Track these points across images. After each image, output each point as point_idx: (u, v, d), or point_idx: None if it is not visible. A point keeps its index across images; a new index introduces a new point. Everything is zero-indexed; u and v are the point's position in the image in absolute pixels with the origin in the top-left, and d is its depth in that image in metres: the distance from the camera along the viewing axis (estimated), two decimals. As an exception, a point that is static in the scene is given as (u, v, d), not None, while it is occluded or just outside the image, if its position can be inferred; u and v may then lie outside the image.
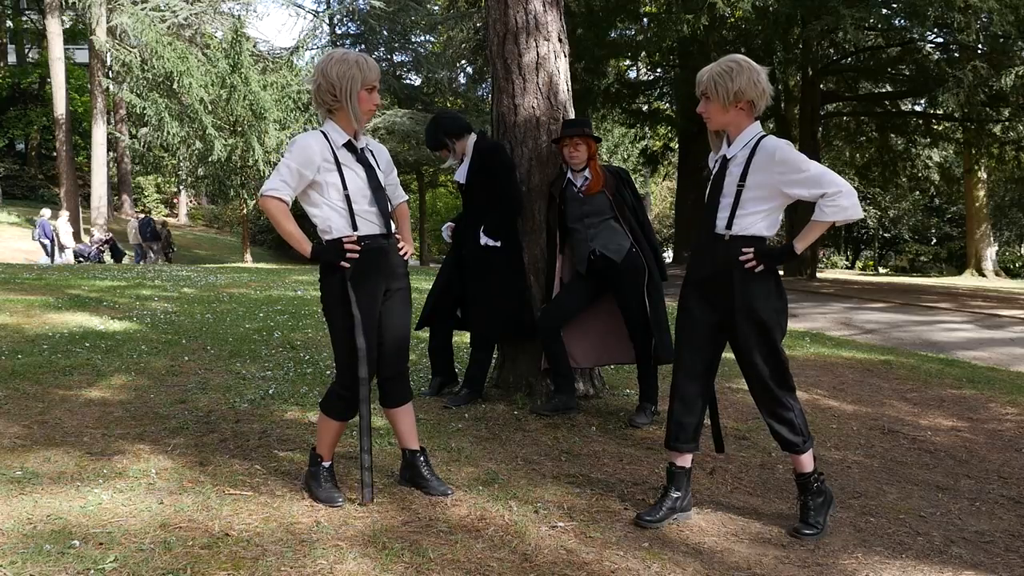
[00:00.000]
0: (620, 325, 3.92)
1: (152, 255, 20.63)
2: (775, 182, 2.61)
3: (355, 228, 2.70)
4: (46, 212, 19.27)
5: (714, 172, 2.79)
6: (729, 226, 2.66)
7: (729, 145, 2.74)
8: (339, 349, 2.70)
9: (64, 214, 20.20)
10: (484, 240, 3.87)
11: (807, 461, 2.75)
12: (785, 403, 2.71)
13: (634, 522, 2.69)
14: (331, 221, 2.69)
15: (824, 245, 35.06)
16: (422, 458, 2.86)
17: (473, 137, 3.94)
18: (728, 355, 2.87)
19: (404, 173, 27.85)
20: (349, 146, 2.70)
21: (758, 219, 2.66)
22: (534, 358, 4.07)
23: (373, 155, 2.79)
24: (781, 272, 2.82)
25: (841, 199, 2.55)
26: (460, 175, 4.01)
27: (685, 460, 2.80)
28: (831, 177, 2.58)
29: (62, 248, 19.28)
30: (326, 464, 2.77)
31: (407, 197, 2.91)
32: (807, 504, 2.74)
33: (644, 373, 3.95)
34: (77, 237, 21.28)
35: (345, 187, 2.67)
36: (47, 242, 18.76)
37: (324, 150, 2.65)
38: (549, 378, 4.00)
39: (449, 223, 4.23)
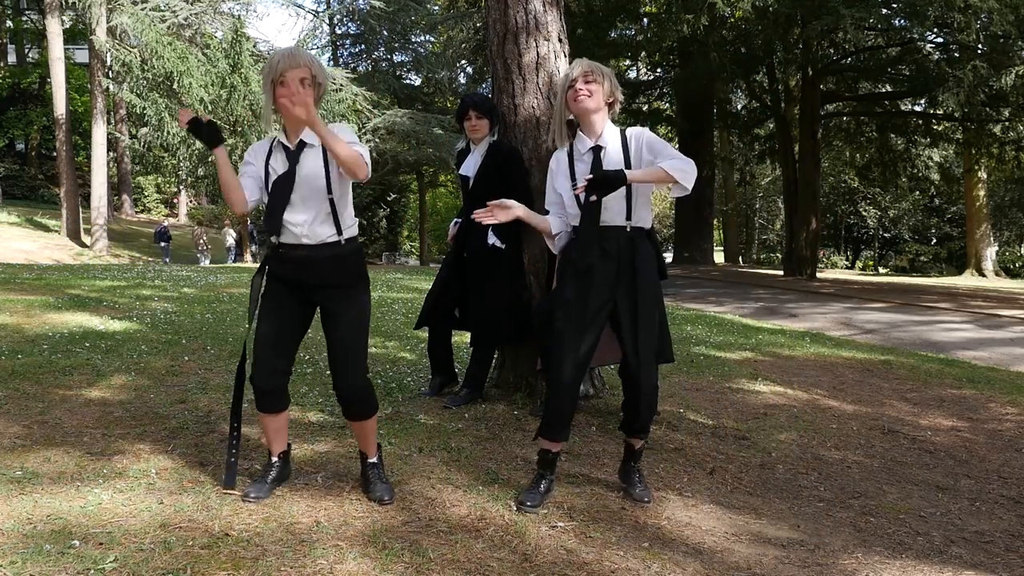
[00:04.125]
0: (620, 325, 3.92)
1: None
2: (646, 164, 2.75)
3: (277, 234, 2.59)
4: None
5: (582, 163, 2.82)
6: (629, 217, 2.77)
7: (591, 137, 2.83)
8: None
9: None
10: (492, 240, 3.87)
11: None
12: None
13: (517, 507, 2.73)
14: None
15: (824, 245, 35.10)
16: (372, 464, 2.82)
17: (489, 136, 3.94)
18: (729, 355, 2.86)
19: (404, 173, 27.91)
20: (282, 145, 2.61)
21: (647, 210, 2.83)
22: (534, 358, 4.06)
23: (324, 151, 2.58)
24: (781, 272, 2.84)
25: (688, 167, 2.68)
26: (467, 169, 4.00)
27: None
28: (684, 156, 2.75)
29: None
30: (273, 459, 2.79)
31: (365, 158, 2.54)
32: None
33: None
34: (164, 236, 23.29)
35: (267, 189, 2.60)
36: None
37: (261, 149, 2.64)
38: (544, 378, 4.00)
39: (457, 220, 4.23)
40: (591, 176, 2.67)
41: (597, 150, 2.80)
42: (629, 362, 2.80)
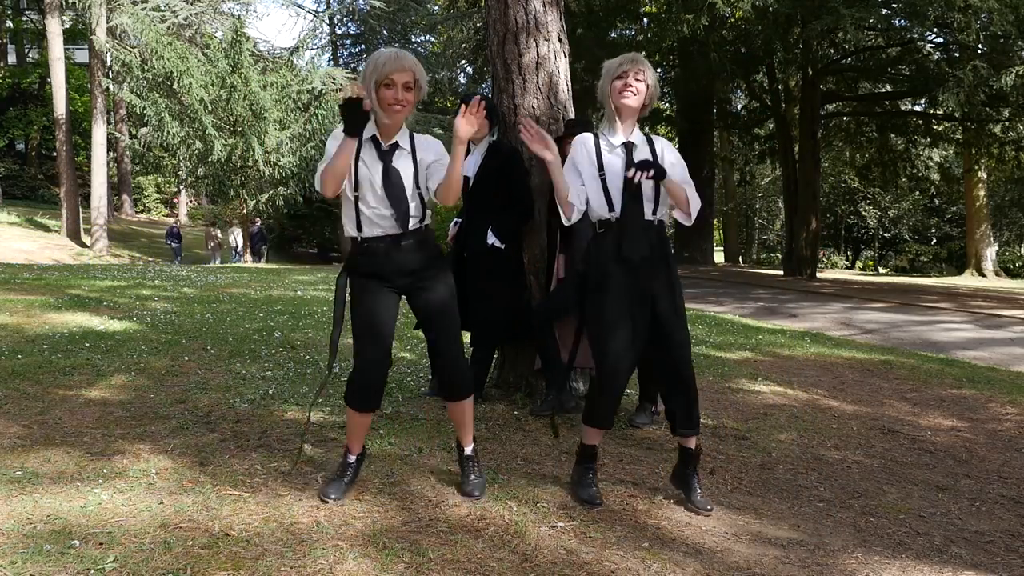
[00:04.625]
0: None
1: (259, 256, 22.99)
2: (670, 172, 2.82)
3: (359, 229, 2.68)
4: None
5: (614, 156, 2.84)
6: (654, 213, 2.82)
7: (625, 133, 2.87)
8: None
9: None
10: (492, 240, 3.87)
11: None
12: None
13: (587, 506, 2.79)
14: (344, 216, 2.73)
15: (824, 245, 35.10)
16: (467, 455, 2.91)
17: (489, 136, 3.94)
18: (729, 355, 2.87)
19: (404, 173, 27.80)
20: (375, 141, 2.67)
21: (666, 205, 2.88)
22: (534, 358, 4.07)
23: (413, 153, 2.70)
24: (781, 272, 2.88)
25: (696, 202, 2.85)
26: (467, 169, 3.99)
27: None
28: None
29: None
30: (350, 457, 2.81)
31: (444, 179, 2.63)
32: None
33: (645, 374, 3.95)
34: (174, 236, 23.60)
35: (356, 187, 2.65)
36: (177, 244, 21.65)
37: (352, 143, 2.64)
38: (543, 378, 4.01)
39: (457, 220, 4.23)
40: (649, 160, 2.74)
41: (630, 146, 2.83)
42: (673, 354, 2.80)
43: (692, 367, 2.85)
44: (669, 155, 2.89)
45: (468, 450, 2.89)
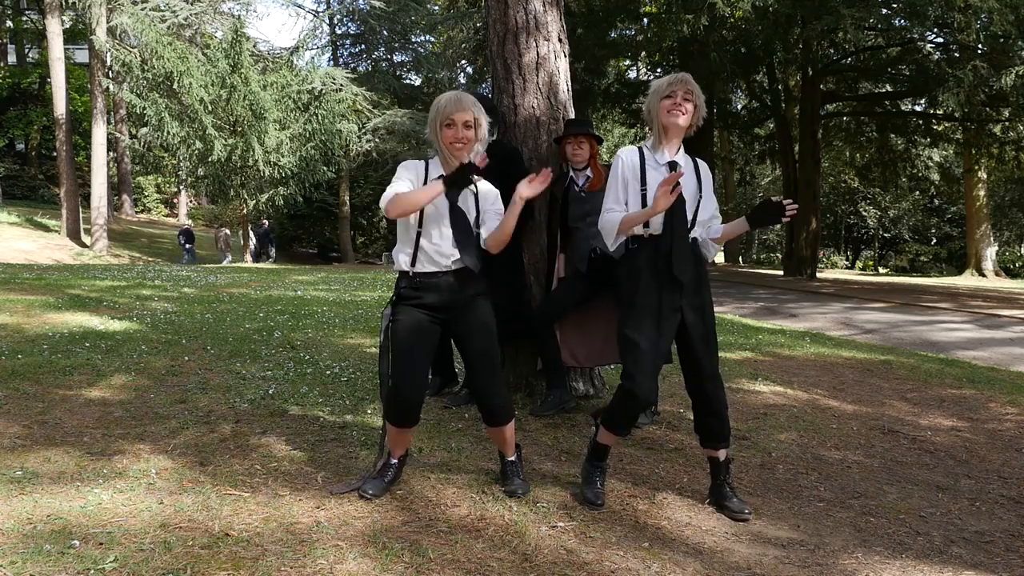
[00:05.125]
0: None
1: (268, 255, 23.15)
2: (708, 197, 2.89)
3: (414, 264, 2.74)
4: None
5: (658, 172, 2.86)
6: (691, 229, 2.85)
7: (670, 152, 2.88)
8: None
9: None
10: None
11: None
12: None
13: (591, 506, 2.81)
14: (399, 249, 2.78)
15: (824, 245, 35.10)
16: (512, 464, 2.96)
17: (489, 136, 3.94)
18: (729, 355, 2.87)
19: (404, 173, 27.80)
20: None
21: (702, 226, 2.91)
22: (534, 358, 4.07)
23: (475, 196, 2.79)
24: (781, 272, 2.89)
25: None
26: None
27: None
28: None
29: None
30: (392, 461, 2.89)
31: (496, 231, 2.78)
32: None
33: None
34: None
35: (420, 223, 2.72)
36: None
37: (417, 170, 2.76)
38: (544, 378, 4.00)
39: None
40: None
41: (674, 165, 2.84)
42: (705, 373, 2.83)
43: (724, 394, 2.88)
44: (707, 178, 2.92)
45: (512, 457, 2.96)
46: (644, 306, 2.78)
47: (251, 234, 22.38)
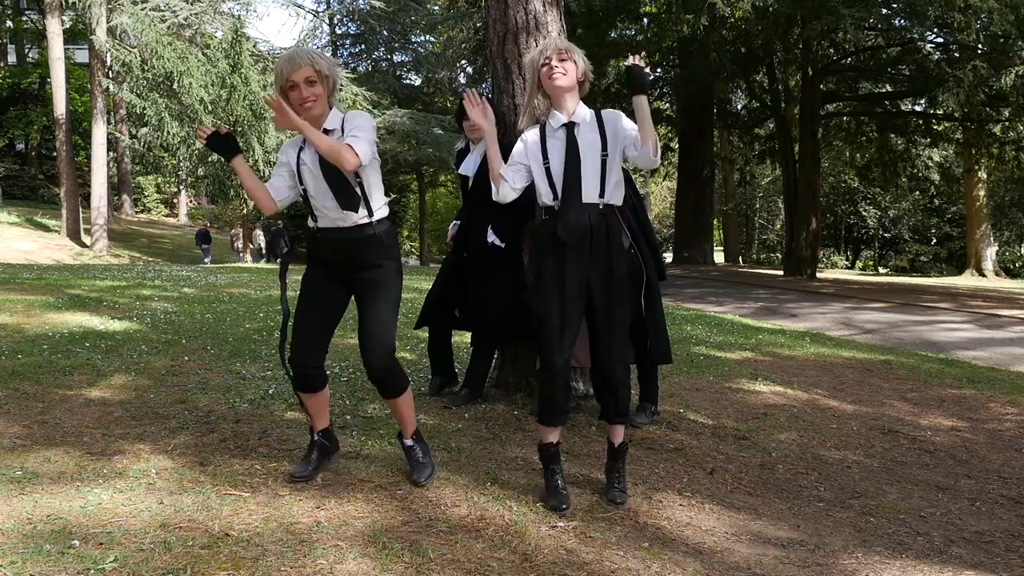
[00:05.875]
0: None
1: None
2: (620, 142, 2.80)
3: (315, 220, 2.77)
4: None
5: (555, 139, 2.82)
6: (602, 195, 2.77)
7: (564, 115, 2.83)
8: None
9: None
10: (492, 239, 3.87)
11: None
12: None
13: (556, 512, 2.73)
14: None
15: (824, 245, 35.10)
16: (411, 445, 2.94)
17: None
18: (729, 355, 2.87)
19: (404, 173, 27.89)
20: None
21: (620, 188, 2.83)
22: (534, 358, 4.06)
23: (343, 135, 2.68)
24: (781, 272, 2.86)
25: (659, 149, 2.76)
26: (467, 168, 3.99)
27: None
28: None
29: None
30: (313, 437, 2.92)
31: (354, 147, 2.58)
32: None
33: (644, 374, 3.95)
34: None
35: (301, 181, 2.74)
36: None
37: (293, 146, 2.77)
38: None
39: (456, 221, 4.22)
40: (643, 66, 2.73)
41: (571, 126, 2.81)
42: (601, 343, 2.79)
43: (625, 357, 2.84)
44: (615, 124, 2.81)
45: (408, 440, 2.93)
46: (550, 279, 2.75)
47: (259, 233, 22.33)
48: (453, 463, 3.15)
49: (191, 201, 34.33)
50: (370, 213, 2.72)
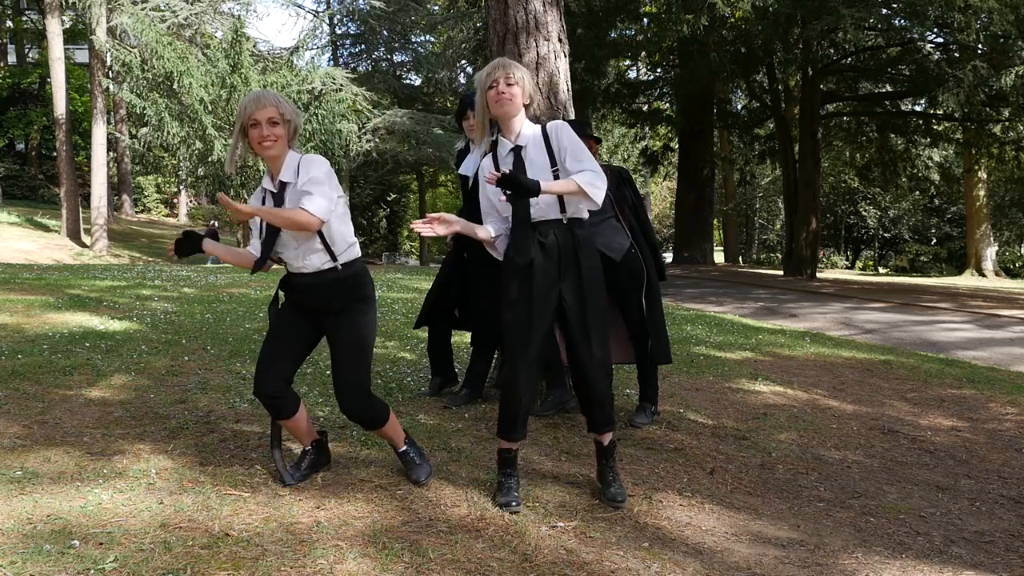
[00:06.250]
0: (620, 326, 3.92)
1: None
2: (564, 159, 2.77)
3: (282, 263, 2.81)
4: None
5: (505, 165, 2.79)
6: (563, 210, 2.76)
7: (510, 138, 2.81)
8: None
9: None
10: None
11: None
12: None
13: (507, 511, 2.71)
14: None
15: (824, 245, 35.11)
16: (404, 450, 2.95)
17: (488, 136, 3.93)
18: (729, 355, 2.86)
19: (404, 173, 27.93)
20: (266, 192, 2.73)
21: (585, 200, 2.76)
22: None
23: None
24: (781, 272, 2.85)
25: (599, 181, 2.70)
26: (467, 168, 3.99)
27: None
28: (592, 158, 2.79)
29: None
30: (305, 448, 2.94)
31: (309, 209, 2.56)
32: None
33: (644, 374, 3.95)
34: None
35: (262, 232, 2.74)
36: None
37: (256, 200, 2.77)
38: (544, 378, 4.00)
39: None
40: (505, 172, 2.65)
41: (518, 150, 2.79)
42: (580, 357, 2.78)
43: (605, 368, 2.81)
44: (560, 140, 2.78)
45: (402, 448, 2.93)
46: (516, 294, 2.74)
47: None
48: (453, 463, 3.15)
49: (191, 201, 34.32)
50: (333, 259, 2.70)
